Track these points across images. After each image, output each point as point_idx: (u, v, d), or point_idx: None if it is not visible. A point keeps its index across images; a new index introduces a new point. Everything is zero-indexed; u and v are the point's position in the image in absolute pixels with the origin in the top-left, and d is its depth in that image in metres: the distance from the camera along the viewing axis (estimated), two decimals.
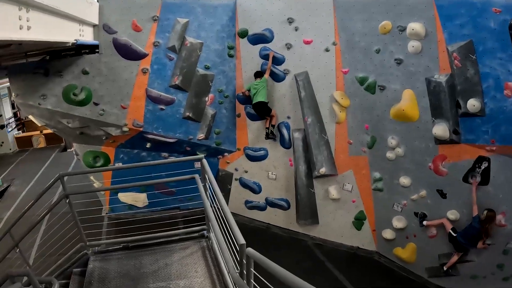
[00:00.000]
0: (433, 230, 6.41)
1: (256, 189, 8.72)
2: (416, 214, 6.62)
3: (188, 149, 8.73)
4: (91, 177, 9.00)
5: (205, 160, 4.81)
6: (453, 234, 5.89)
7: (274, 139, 8.30)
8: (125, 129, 8.06)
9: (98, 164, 8.88)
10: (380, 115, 6.89)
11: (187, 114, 8.20)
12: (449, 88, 5.78)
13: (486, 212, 5.50)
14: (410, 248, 6.92)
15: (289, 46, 7.66)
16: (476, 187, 5.68)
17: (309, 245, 8.12)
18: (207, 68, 8.09)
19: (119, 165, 8.90)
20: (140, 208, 9.23)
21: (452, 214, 6.07)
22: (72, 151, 11.00)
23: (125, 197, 9.21)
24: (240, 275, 3.11)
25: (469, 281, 6.32)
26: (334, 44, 7.21)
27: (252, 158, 8.70)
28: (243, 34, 8.03)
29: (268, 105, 7.88)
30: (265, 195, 8.69)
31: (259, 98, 7.72)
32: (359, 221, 7.70)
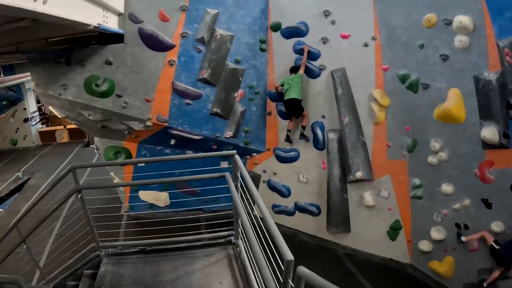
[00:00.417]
0: (474, 243, 6.54)
1: (285, 193, 9.11)
2: (458, 225, 6.80)
3: (215, 147, 9.18)
4: (111, 173, 9.61)
5: (237, 157, 4.57)
6: (496, 246, 6.01)
7: (307, 140, 8.67)
8: (148, 123, 8.56)
9: (120, 160, 9.46)
10: (422, 116, 7.15)
11: (215, 110, 8.64)
12: (499, 87, 5.93)
13: None
14: (447, 261, 7.08)
15: (325, 41, 8.04)
16: None
17: (339, 254, 8.46)
18: (237, 62, 8.52)
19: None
20: (161, 207, 9.80)
21: (497, 226, 6.21)
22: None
23: (145, 195, 9.83)
24: None
25: None
26: (373, 38, 7.52)
27: (282, 160, 9.10)
28: (276, 27, 8.44)
29: (301, 104, 8.22)
30: (295, 199, 9.07)
31: (293, 94, 8.07)
32: (394, 231, 7.96)
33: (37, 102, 20.39)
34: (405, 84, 7.27)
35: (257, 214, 3.39)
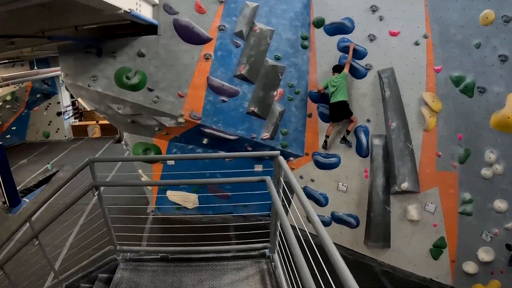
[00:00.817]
0: None
1: (322, 201, 9.45)
2: (509, 246, 6.84)
3: (250, 149, 9.63)
4: (139, 170, 10.27)
5: (282, 159, 4.20)
6: None
7: (349, 145, 8.95)
8: (180, 120, 9.11)
9: None
10: (477, 123, 7.25)
11: (252, 109, 9.10)
12: None
13: None
14: (493, 286, 7.14)
15: (372, 38, 8.29)
16: None
17: (376, 271, 8.68)
18: (277, 59, 8.94)
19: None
20: (189, 209, 10.38)
21: None
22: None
23: (174, 196, 10.45)
24: None
25: None
26: (425, 36, 7.71)
27: (322, 166, 9.44)
28: (319, 23, 8.78)
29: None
30: (332, 209, 9.38)
31: (340, 96, 8.37)
32: (437, 249, 8.07)
33: (71, 96, 22.84)
34: (459, 87, 7.40)
35: (304, 227, 3.42)
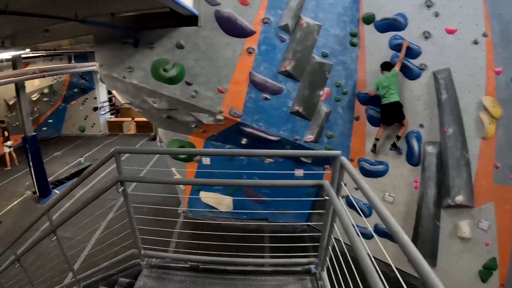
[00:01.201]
0: None
1: (365, 212, 9.64)
2: None
3: None
4: (172, 168, 10.84)
5: (345, 159, 3.86)
6: None
7: (399, 152, 9.12)
8: (219, 117, 9.58)
9: (184, 156, 10.79)
10: None
11: (296, 108, 9.47)
12: None
13: None
14: None
15: (427, 36, 8.47)
16: None
17: None
18: (324, 56, 9.31)
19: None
20: (222, 212, 10.94)
21: None
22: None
23: (208, 198, 11.01)
24: None
25: None
26: (484, 35, 7.83)
27: (368, 173, 9.69)
28: (369, 19, 9.05)
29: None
30: (376, 220, 9.47)
31: (394, 97, 8.58)
32: (487, 271, 8.08)
33: (108, 93, 25.33)
34: None
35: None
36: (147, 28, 9.12)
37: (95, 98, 24.81)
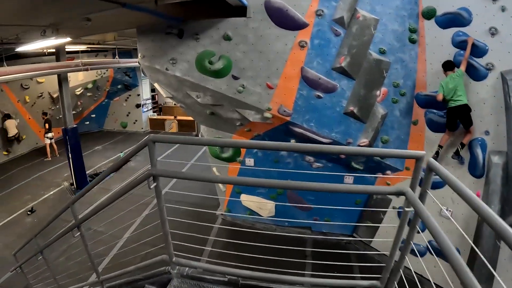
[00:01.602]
0: None
1: (419, 226, 8.85)
2: None
3: (343, 156, 9.41)
4: (213, 169, 10.50)
5: (435, 162, 3.23)
6: None
7: (461, 162, 8.42)
8: (267, 114, 9.13)
9: (226, 155, 10.38)
10: None
11: (351, 109, 8.91)
12: None
13: None
14: None
15: (493, 32, 7.78)
16: None
17: None
18: (382, 52, 8.70)
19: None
20: (262, 217, 10.45)
21: None
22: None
23: (249, 201, 10.55)
24: None
25: None
26: None
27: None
28: (430, 14, 8.40)
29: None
30: (430, 237, 8.72)
31: (463, 99, 7.92)
32: None
33: (152, 90, 26.17)
34: None
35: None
36: (192, 19, 8.79)
37: (138, 95, 25.30)
